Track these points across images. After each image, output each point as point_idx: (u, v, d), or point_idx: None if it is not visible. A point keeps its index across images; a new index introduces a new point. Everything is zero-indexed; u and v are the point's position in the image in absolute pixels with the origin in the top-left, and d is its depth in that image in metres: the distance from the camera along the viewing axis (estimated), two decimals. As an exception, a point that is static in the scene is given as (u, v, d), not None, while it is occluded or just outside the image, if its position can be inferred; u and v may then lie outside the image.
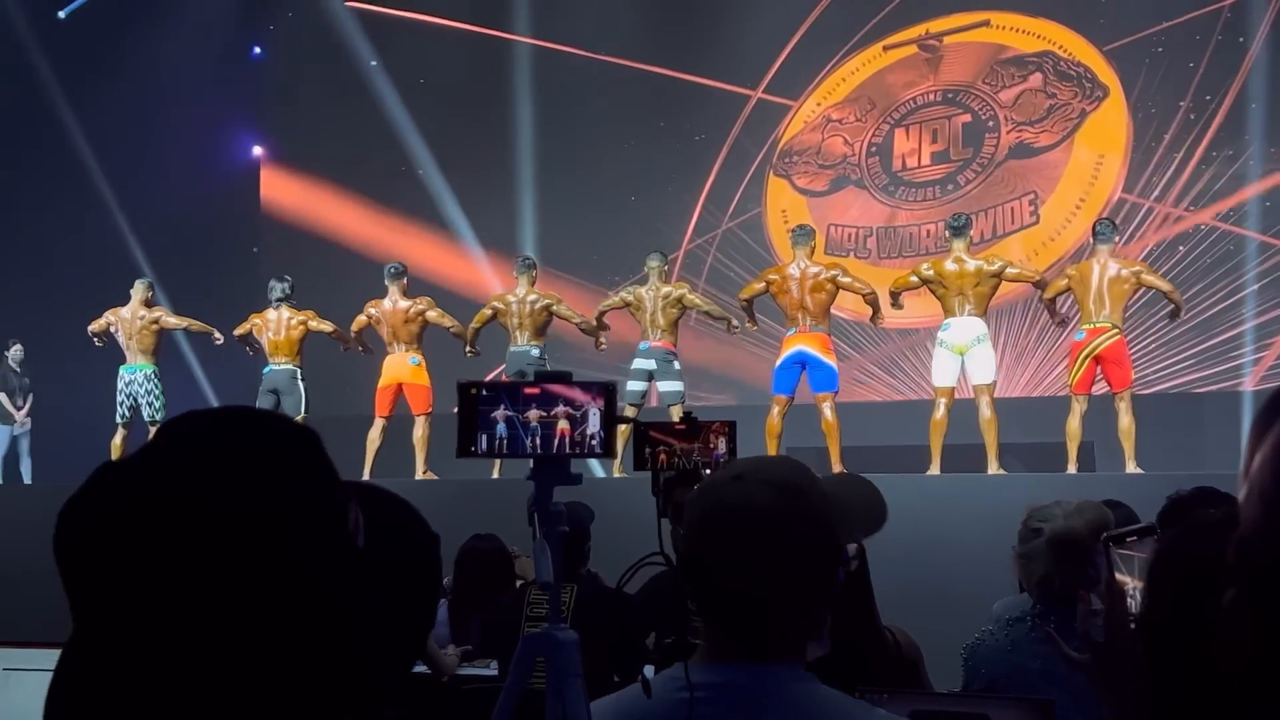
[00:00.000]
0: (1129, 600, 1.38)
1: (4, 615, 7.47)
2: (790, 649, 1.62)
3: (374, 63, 14.78)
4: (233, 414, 0.96)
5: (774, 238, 13.61)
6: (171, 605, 0.87)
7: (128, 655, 0.88)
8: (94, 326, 10.47)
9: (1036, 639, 3.07)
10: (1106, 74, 12.51)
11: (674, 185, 13.94)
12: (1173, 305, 8.93)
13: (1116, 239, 9.06)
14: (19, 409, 11.69)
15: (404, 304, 10.09)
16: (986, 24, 13.03)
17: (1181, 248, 12.01)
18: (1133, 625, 1.34)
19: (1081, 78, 12.62)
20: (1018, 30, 12.94)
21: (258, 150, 15.79)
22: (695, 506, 1.65)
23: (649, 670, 1.76)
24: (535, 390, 2.05)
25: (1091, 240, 9.02)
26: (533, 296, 9.99)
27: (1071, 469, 8.60)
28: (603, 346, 10.37)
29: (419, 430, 10.00)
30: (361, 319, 10.29)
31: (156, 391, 10.34)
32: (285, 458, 0.93)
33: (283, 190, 15.62)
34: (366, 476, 9.86)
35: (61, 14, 14.24)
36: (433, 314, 10.13)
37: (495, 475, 9.63)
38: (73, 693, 0.90)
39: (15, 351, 11.77)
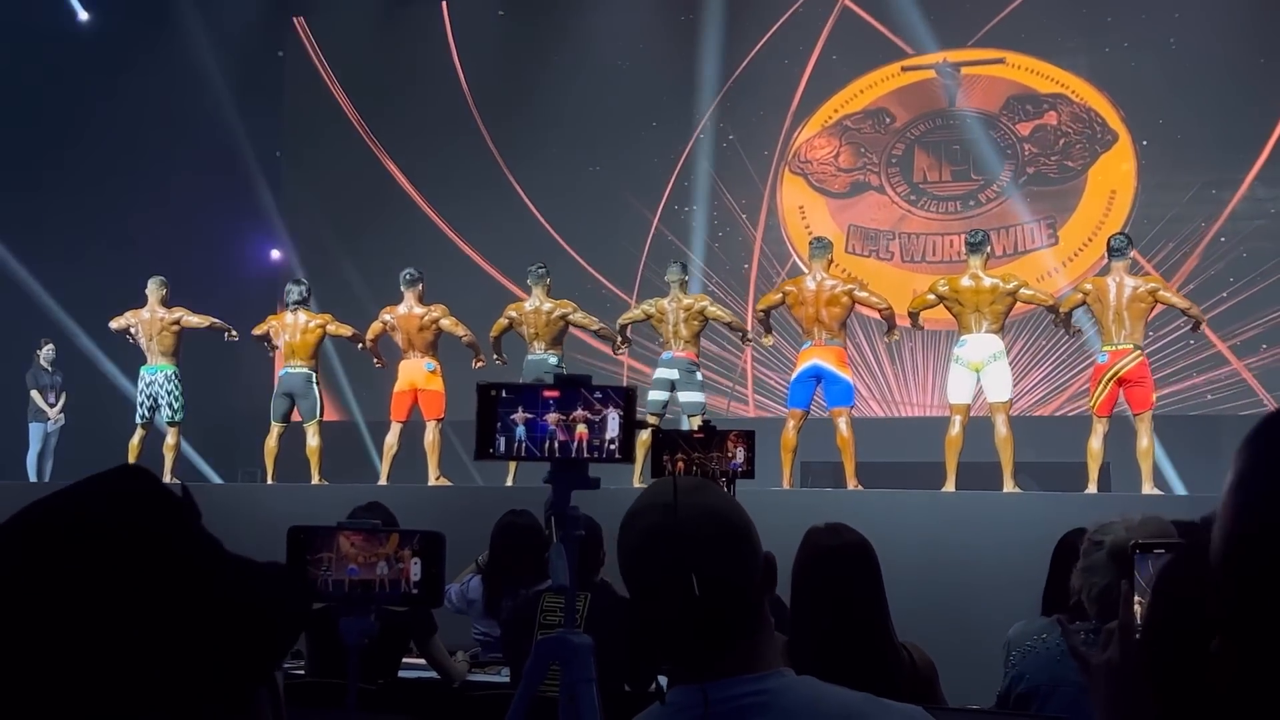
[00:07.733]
0: (1135, 610, 1.37)
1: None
2: (774, 659, 1.65)
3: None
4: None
5: (790, 233, 13.80)
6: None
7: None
8: (114, 324, 10.49)
9: (1087, 653, 3.05)
10: (1115, 121, 13.02)
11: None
12: (1193, 320, 8.89)
13: (1132, 253, 8.97)
14: (52, 406, 11.80)
15: (419, 310, 10.06)
16: (1002, 61, 13.43)
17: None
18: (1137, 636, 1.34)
19: (1092, 121, 13.10)
20: (1032, 71, 13.40)
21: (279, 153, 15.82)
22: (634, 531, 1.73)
23: (663, 680, 1.74)
24: (555, 393, 2.03)
25: (1107, 257, 8.96)
26: (548, 305, 9.94)
27: (1091, 489, 8.55)
28: (622, 351, 10.37)
29: (430, 435, 9.96)
30: (377, 325, 10.26)
31: (177, 392, 10.33)
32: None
33: (302, 188, 15.60)
34: (383, 482, 9.84)
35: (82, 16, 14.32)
36: (446, 322, 10.10)
37: (509, 482, 9.60)
38: None
39: (47, 350, 11.96)
